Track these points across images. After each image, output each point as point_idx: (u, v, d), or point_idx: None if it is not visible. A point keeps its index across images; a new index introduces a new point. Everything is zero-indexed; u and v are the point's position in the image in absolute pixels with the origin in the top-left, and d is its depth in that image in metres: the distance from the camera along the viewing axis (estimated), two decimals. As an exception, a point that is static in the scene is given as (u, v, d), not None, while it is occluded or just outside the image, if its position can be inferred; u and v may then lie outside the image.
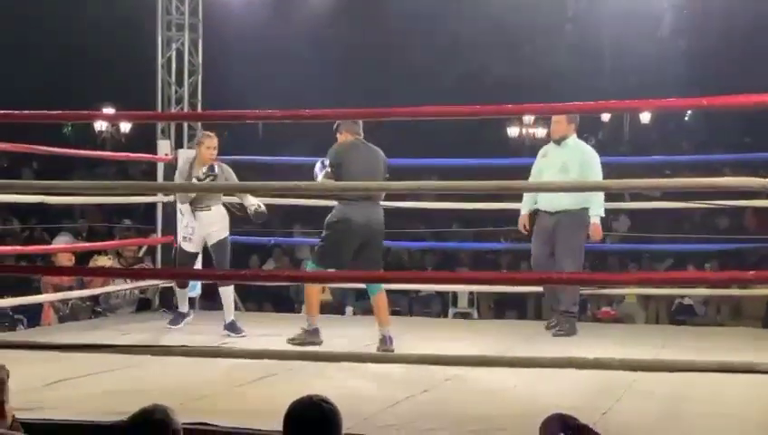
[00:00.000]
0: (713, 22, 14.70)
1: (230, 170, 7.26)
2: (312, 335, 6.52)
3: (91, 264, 8.79)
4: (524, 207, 7.30)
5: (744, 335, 7.25)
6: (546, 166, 7.15)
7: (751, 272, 4.32)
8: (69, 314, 8.27)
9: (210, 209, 7.18)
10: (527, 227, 7.27)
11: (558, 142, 7.18)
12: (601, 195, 6.95)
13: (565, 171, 6.99)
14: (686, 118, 18.13)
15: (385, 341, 6.33)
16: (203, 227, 7.15)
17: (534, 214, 7.28)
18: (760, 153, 10.29)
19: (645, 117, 17.87)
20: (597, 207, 6.97)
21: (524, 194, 7.27)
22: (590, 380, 5.00)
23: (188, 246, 7.23)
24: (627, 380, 5.08)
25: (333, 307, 9.82)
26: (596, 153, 7.13)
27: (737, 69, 15.56)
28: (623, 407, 4.72)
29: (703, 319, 10.17)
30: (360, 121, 6.49)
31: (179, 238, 7.53)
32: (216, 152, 7.19)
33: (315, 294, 6.71)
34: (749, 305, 9.94)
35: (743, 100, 4.03)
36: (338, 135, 6.58)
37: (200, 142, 7.23)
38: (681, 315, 10.23)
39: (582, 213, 6.99)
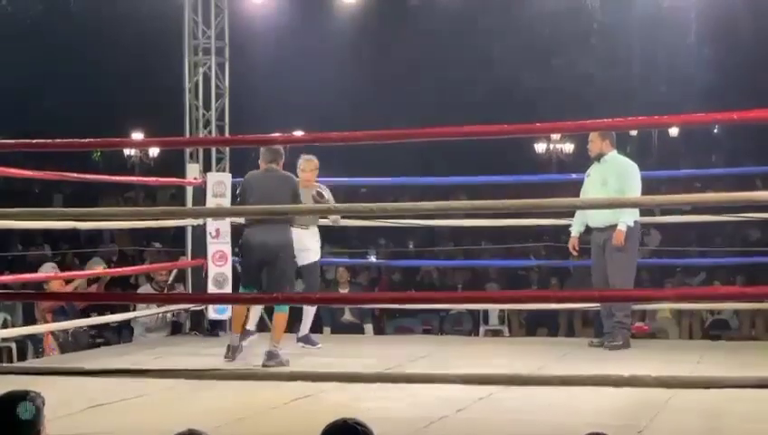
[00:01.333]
0: (744, 31, 14.62)
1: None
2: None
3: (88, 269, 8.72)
4: (574, 228, 7.49)
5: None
6: (589, 184, 7.33)
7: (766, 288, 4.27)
8: (71, 341, 8.30)
9: (307, 228, 7.29)
10: (576, 248, 7.46)
11: (598, 160, 7.33)
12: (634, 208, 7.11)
13: (605, 186, 7.14)
14: (716, 130, 18.04)
15: (271, 355, 6.50)
16: (296, 242, 7.09)
17: (587, 233, 7.46)
18: (760, 167, 10.24)
19: (674, 130, 17.77)
20: (626, 215, 7.08)
21: (575, 215, 7.48)
22: (625, 397, 4.94)
23: None
24: (663, 397, 5.03)
25: (353, 326, 9.79)
26: (634, 165, 7.27)
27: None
28: (659, 425, 4.67)
29: (737, 333, 10.07)
30: (274, 149, 6.87)
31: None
32: (312, 175, 7.33)
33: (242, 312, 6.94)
34: (763, 319, 9.86)
35: (771, 113, 3.99)
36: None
37: (298, 166, 7.37)
38: (715, 330, 10.13)
39: (633, 227, 7.15)
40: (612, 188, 7.12)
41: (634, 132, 18.43)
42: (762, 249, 10.05)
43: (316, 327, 10.03)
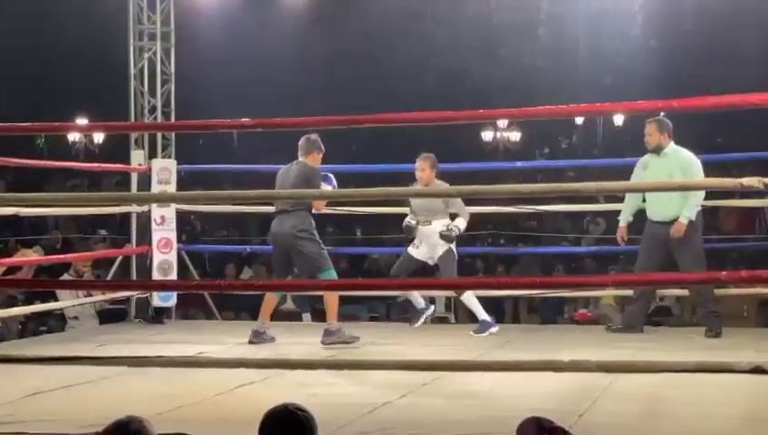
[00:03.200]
0: (685, 21, 14.79)
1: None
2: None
3: (17, 256, 8.59)
4: (624, 218, 7.36)
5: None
6: (649, 177, 7.13)
7: (723, 272, 4.35)
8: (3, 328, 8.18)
9: (431, 224, 7.48)
10: (625, 239, 7.35)
11: (657, 153, 7.17)
12: (699, 198, 7.01)
13: (670, 179, 6.95)
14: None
15: (328, 332, 6.80)
16: (427, 238, 7.49)
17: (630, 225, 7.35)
18: (732, 153, 10.39)
19: (618, 119, 17.94)
20: (689, 208, 7.00)
21: (625, 205, 7.35)
22: (566, 382, 5.00)
23: (414, 252, 7.58)
24: (604, 382, 5.09)
25: (293, 315, 9.79)
26: (696, 158, 7.11)
27: (710, 68, 15.67)
28: (600, 409, 4.73)
29: (679, 320, 10.21)
30: (303, 141, 7.04)
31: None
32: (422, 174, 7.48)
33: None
34: (724, 305, 9.97)
35: (713, 101, 4.06)
36: None
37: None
38: (657, 316, 10.26)
39: (696, 217, 7.06)
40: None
41: (579, 121, 18.61)
42: (705, 236, 10.19)
43: (256, 315, 10.04)
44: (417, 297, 7.73)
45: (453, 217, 7.54)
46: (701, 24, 14.46)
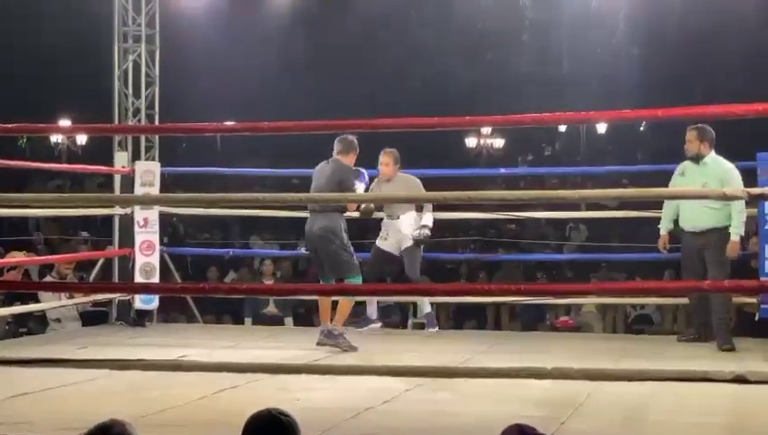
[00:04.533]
0: (670, 30, 14.86)
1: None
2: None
3: (7, 258, 8.56)
4: (664, 226, 7.23)
5: (701, 343, 7.30)
6: (685, 185, 6.96)
7: (706, 281, 4.37)
8: None
9: (398, 218, 7.76)
10: (667, 247, 7.22)
11: (696, 161, 7.01)
12: (743, 213, 6.86)
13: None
14: (642, 128, 18.29)
15: (329, 334, 6.88)
16: (395, 231, 7.83)
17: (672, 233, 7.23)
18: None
19: (601, 127, 18.02)
20: (738, 225, 6.85)
21: (664, 211, 7.20)
22: (549, 389, 5.01)
23: (382, 244, 7.89)
24: (586, 389, 5.11)
25: (275, 318, 9.78)
26: (735, 169, 6.95)
27: (695, 77, 15.75)
28: (581, 417, 4.74)
29: (659, 328, 10.25)
30: (341, 140, 7.02)
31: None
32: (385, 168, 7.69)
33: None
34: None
35: (698, 111, 4.08)
36: None
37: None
38: (638, 324, 10.31)
39: (727, 231, 6.89)
40: (715, 195, 6.56)
41: (563, 129, 18.67)
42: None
43: (238, 318, 10.04)
44: (373, 305, 8.01)
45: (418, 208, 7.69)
46: (686, 33, 14.54)
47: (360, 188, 6.90)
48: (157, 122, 8.84)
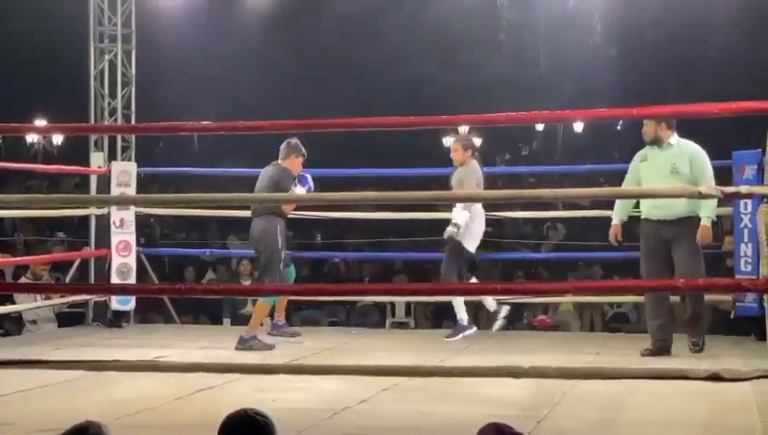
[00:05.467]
0: (646, 29, 14.93)
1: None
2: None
3: None
4: (617, 215, 6.83)
5: (677, 341, 7.34)
6: (651, 170, 6.63)
7: (681, 280, 4.39)
8: None
9: (451, 211, 7.51)
10: (619, 238, 6.82)
11: (658, 145, 6.62)
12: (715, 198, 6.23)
13: (676, 174, 6.51)
14: (619, 127, 18.36)
15: (241, 340, 6.88)
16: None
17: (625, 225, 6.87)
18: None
19: (578, 126, 18.08)
20: (709, 210, 6.49)
21: (619, 202, 6.84)
22: (526, 388, 5.03)
23: None
24: (562, 388, 5.13)
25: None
26: (704, 152, 6.61)
27: (671, 76, 15.82)
28: (558, 415, 4.76)
29: (636, 326, 10.29)
30: (284, 145, 7.21)
31: None
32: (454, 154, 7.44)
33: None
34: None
35: (672, 109, 4.10)
36: None
37: None
38: (615, 323, 10.34)
39: (697, 218, 6.53)
40: (686, 178, 6.45)
41: (540, 128, 18.70)
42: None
43: (216, 319, 10.02)
44: (462, 310, 7.63)
45: None
46: (662, 33, 14.60)
47: (298, 190, 7.01)
48: (133, 122, 8.82)
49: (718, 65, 14.83)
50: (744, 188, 4.27)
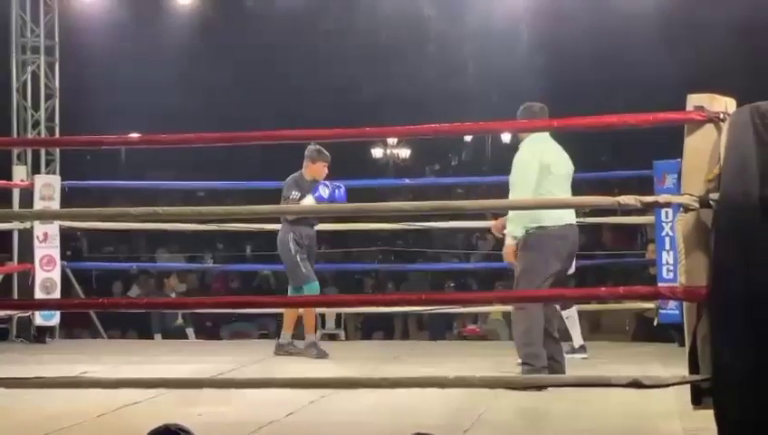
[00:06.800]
0: (572, 41, 15.12)
1: None
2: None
3: None
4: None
5: (602, 349, 7.45)
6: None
7: (603, 289, 4.46)
8: None
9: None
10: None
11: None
12: (521, 213, 5.80)
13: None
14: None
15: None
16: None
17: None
18: (615, 171, 10.66)
19: (506, 137, 18.24)
20: (513, 224, 5.84)
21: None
22: (452, 398, 5.05)
23: None
24: (488, 397, 5.15)
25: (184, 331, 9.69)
26: (527, 157, 5.91)
27: (597, 88, 16.05)
28: (484, 424, 4.78)
29: (563, 334, 10.40)
30: (307, 149, 7.09)
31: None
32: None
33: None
34: (608, 319, 10.22)
35: (590, 121, 4.16)
36: None
37: None
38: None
39: (530, 232, 5.78)
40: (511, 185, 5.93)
41: (469, 139, 18.85)
42: (588, 253, 10.44)
43: (145, 333, 9.91)
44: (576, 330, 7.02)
45: None
46: (589, 43, 14.80)
47: (308, 199, 6.95)
48: (57, 135, 8.70)
49: (643, 76, 15.08)
50: (661, 198, 4.34)
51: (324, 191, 6.98)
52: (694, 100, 3.84)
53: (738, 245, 3.57)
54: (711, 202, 3.68)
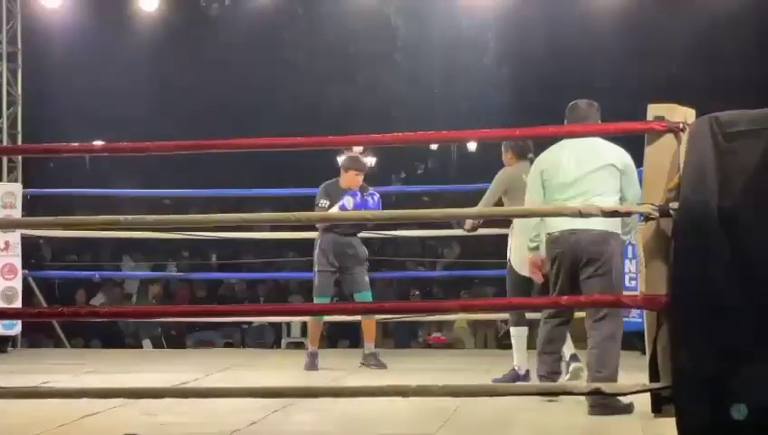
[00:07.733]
0: (538, 51, 15.20)
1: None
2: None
3: None
4: None
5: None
6: None
7: (564, 297, 4.48)
8: None
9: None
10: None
11: None
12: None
13: None
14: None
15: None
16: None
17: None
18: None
19: (471, 145, 18.31)
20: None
21: None
22: (416, 407, 5.05)
23: None
24: (451, 406, 5.16)
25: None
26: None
27: (562, 97, 16.13)
28: (447, 433, 4.79)
29: (528, 343, 10.43)
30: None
31: None
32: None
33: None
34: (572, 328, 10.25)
35: (552, 130, 4.19)
36: None
37: None
38: (508, 340, 10.46)
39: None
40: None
41: (434, 147, 18.87)
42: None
43: (105, 343, 9.83)
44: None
45: None
46: (556, 52, 14.89)
47: (329, 206, 6.97)
48: (20, 142, 8.64)
49: (610, 85, 15.18)
50: (622, 207, 4.38)
51: (349, 201, 6.99)
52: (654, 110, 3.88)
53: (697, 253, 3.60)
54: (671, 211, 3.71)
